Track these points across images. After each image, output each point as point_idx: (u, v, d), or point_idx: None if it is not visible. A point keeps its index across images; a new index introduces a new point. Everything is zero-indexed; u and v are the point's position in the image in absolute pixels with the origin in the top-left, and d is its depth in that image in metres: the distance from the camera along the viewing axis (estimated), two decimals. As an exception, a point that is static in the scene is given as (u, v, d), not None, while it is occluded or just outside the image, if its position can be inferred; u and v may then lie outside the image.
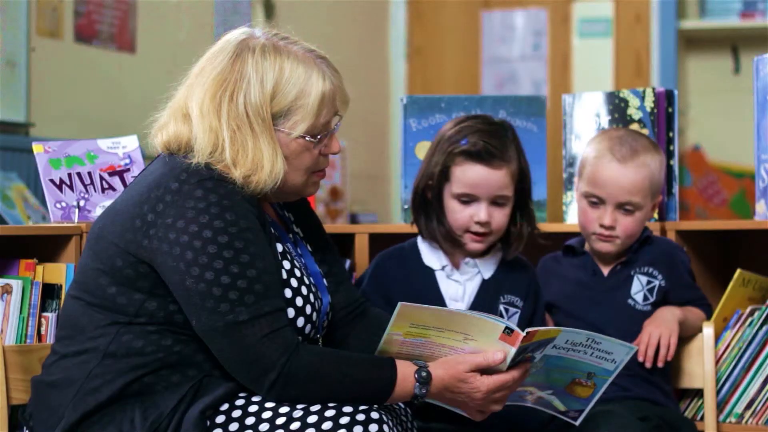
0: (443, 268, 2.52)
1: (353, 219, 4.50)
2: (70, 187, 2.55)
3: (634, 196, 2.58)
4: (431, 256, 2.53)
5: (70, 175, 2.57)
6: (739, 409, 2.66)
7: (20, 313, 2.35)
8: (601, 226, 2.59)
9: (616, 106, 2.92)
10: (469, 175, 2.44)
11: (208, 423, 2.00)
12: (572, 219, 2.88)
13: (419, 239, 2.56)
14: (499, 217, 2.46)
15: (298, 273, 2.15)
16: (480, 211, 2.44)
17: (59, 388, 2.06)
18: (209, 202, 2.00)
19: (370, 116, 5.62)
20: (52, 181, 2.55)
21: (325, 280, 2.26)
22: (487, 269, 2.51)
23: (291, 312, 2.10)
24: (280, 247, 2.14)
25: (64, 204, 2.54)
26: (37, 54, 3.88)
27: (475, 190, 2.44)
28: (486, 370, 2.07)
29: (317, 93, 2.11)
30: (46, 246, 2.40)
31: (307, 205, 2.36)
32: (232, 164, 2.06)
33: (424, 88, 5.68)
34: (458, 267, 2.52)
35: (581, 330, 2.12)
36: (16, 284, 2.35)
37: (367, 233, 2.84)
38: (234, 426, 2.00)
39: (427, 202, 2.50)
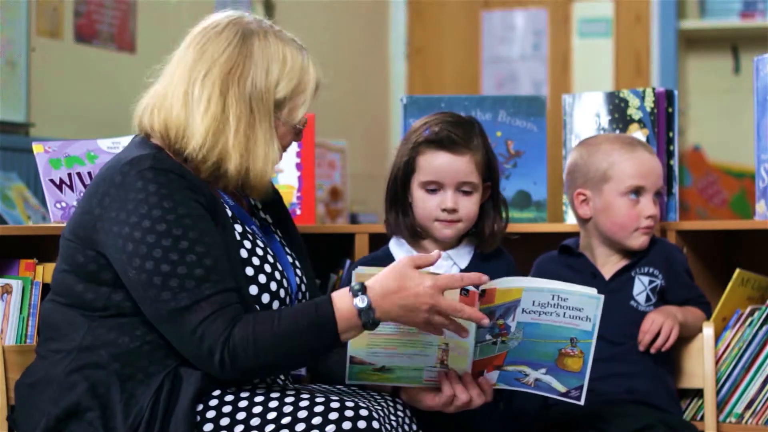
0: None
1: (353, 219, 4.50)
2: (70, 187, 2.55)
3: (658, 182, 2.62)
4: (402, 255, 2.52)
5: (70, 175, 2.57)
6: (739, 409, 2.66)
7: (20, 313, 2.35)
8: (649, 217, 2.58)
9: (616, 106, 2.92)
10: (433, 162, 2.46)
11: (198, 418, 2.00)
12: (572, 219, 2.88)
13: (391, 243, 2.56)
14: (467, 205, 2.47)
15: (260, 252, 2.15)
16: (446, 199, 2.46)
17: (39, 387, 2.07)
18: (148, 192, 2.02)
19: (370, 116, 5.62)
20: (52, 181, 2.55)
21: (297, 271, 2.27)
22: (461, 259, 2.51)
23: (254, 289, 2.11)
24: (239, 228, 2.15)
25: (64, 204, 2.53)
26: (37, 54, 3.88)
27: (440, 177, 2.46)
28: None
29: (314, 82, 2.17)
30: (46, 246, 2.39)
31: (282, 208, 2.39)
32: (232, 148, 2.08)
33: (424, 88, 5.68)
34: None
35: (542, 282, 2.13)
36: (16, 284, 2.36)
37: (367, 233, 2.84)
38: (225, 420, 2.00)
39: (397, 195, 2.52)
